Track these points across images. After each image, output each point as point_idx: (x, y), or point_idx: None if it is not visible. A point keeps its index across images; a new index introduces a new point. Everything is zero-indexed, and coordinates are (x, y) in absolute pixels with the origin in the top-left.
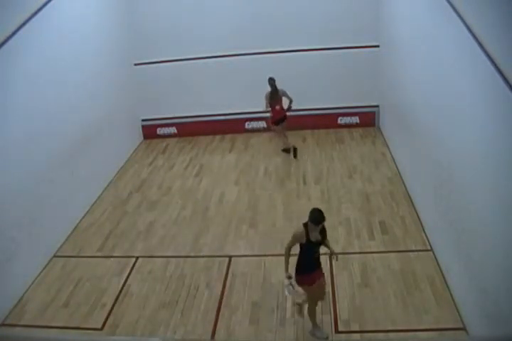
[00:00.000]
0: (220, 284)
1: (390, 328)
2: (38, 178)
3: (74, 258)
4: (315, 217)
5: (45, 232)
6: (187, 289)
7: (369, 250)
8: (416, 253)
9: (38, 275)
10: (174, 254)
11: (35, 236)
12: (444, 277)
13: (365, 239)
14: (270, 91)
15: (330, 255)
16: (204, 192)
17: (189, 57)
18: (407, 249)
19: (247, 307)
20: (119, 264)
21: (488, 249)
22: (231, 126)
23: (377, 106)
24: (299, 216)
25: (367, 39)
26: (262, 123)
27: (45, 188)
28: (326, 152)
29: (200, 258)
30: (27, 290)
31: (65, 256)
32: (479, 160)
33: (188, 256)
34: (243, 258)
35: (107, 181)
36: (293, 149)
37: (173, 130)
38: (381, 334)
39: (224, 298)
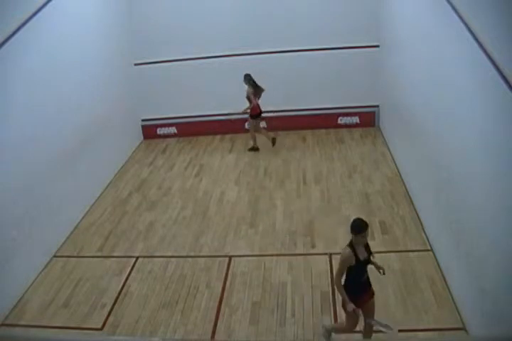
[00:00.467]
0: (220, 284)
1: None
2: (38, 178)
3: (74, 258)
4: (357, 224)
5: (45, 232)
6: (187, 289)
7: None
8: (416, 253)
9: (38, 276)
10: (174, 254)
11: (35, 236)
12: (444, 277)
13: None
14: (254, 88)
15: (377, 269)
16: (204, 192)
17: (189, 57)
18: (407, 249)
19: (247, 307)
20: (119, 264)
21: (488, 248)
22: (231, 126)
23: (377, 106)
24: (299, 216)
25: (367, 39)
26: (262, 124)
27: (45, 188)
28: (326, 152)
29: (200, 258)
30: (27, 290)
31: (65, 256)
32: (479, 160)
33: (188, 256)
34: (243, 258)
35: (107, 181)
36: (272, 139)
37: (173, 130)
38: (381, 334)
39: (224, 298)
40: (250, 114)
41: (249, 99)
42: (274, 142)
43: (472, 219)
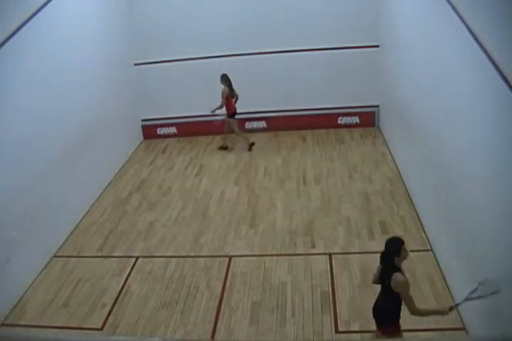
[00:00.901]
0: (220, 284)
1: None
2: (38, 178)
3: (74, 258)
4: (394, 242)
5: (45, 232)
6: (187, 289)
7: (369, 250)
8: (416, 253)
9: (38, 276)
10: (174, 254)
11: (35, 236)
12: (444, 277)
13: (365, 239)
14: (229, 88)
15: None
16: (204, 192)
17: (189, 57)
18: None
19: (247, 307)
20: (119, 264)
21: (488, 248)
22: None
23: (377, 106)
24: (299, 216)
25: (367, 39)
26: (262, 123)
27: (45, 188)
28: (326, 152)
29: (200, 258)
30: (27, 290)
31: (65, 256)
32: (479, 160)
33: (188, 256)
34: (243, 258)
35: (107, 181)
36: (251, 144)
37: (173, 130)
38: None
39: (224, 298)
40: (227, 114)
41: (223, 98)
42: (251, 146)
43: (472, 219)
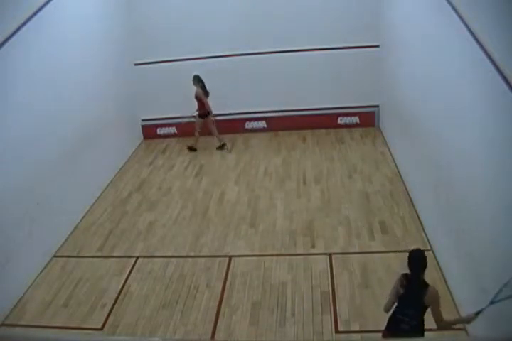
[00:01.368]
0: (220, 284)
1: None
2: (38, 178)
3: (74, 258)
4: (423, 254)
5: (45, 232)
6: (187, 289)
7: (369, 250)
8: None
9: (38, 276)
10: (174, 254)
11: (35, 236)
12: (444, 277)
13: (365, 239)
14: (203, 89)
15: None
16: (204, 192)
17: (189, 57)
18: (407, 249)
19: (247, 307)
20: (119, 264)
21: (488, 248)
22: (231, 126)
23: (377, 106)
24: (299, 216)
25: (367, 39)
26: (262, 123)
27: (45, 188)
28: (326, 152)
29: (200, 258)
30: (27, 290)
31: (65, 256)
32: (479, 160)
33: (188, 256)
34: (243, 258)
35: (107, 181)
36: (222, 144)
37: (173, 130)
38: (381, 335)
39: (224, 298)
40: (198, 114)
41: (198, 99)
42: (222, 147)
43: (472, 219)
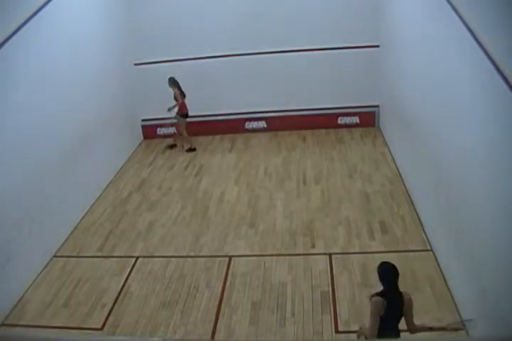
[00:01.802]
0: (220, 284)
1: None
2: (37, 178)
3: (74, 258)
4: (392, 264)
5: (45, 232)
6: (187, 289)
7: (369, 250)
8: (416, 253)
9: (38, 276)
10: (174, 254)
11: (35, 236)
12: (444, 277)
13: (365, 239)
14: (180, 90)
15: None
16: (204, 192)
17: (189, 57)
18: (407, 249)
19: (247, 307)
20: (119, 264)
21: (488, 248)
22: (231, 126)
23: (377, 106)
24: (299, 216)
25: (367, 39)
26: (262, 123)
27: (45, 188)
28: (326, 152)
29: (200, 258)
30: (27, 290)
31: (65, 256)
32: (479, 160)
33: (188, 256)
34: (243, 258)
35: (107, 181)
36: (191, 148)
37: (172, 130)
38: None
39: (224, 298)
40: (181, 114)
41: (175, 98)
42: (189, 150)
43: (472, 219)
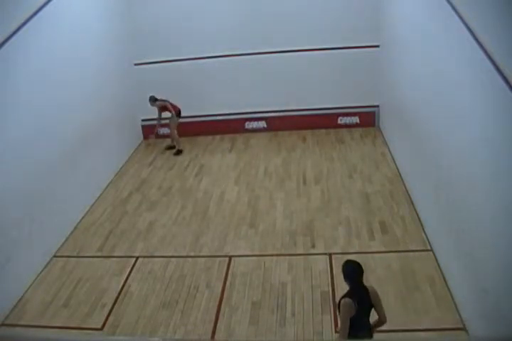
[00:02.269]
0: (220, 284)
1: (390, 328)
2: (38, 178)
3: (74, 258)
4: (356, 262)
5: (45, 232)
6: (187, 289)
7: (369, 250)
8: (416, 253)
9: (38, 276)
10: (174, 254)
11: (35, 236)
12: (444, 277)
13: (365, 239)
14: (161, 100)
15: None
16: (204, 192)
17: (189, 57)
18: (407, 249)
19: (247, 307)
20: (119, 264)
21: (488, 248)
22: (231, 126)
23: (377, 106)
24: (299, 216)
25: (367, 39)
26: (262, 123)
27: (45, 188)
28: (326, 152)
29: (200, 258)
30: (27, 290)
31: (65, 256)
32: (479, 160)
33: (188, 256)
34: (243, 258)
35: (107, 181)
36: (178, 151)
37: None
38: (381, 335)
39: (224, 298)
40: (178, 114)
41: (164, 107)
42: (177, 153)
43: (472, 219)
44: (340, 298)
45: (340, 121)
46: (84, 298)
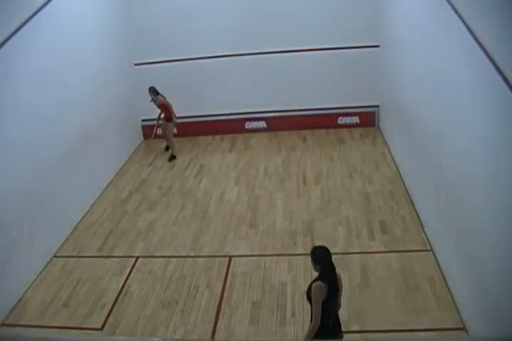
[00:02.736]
0: (220, 284)
1: (390, 328)
2: (38, 178)
3: (74, 258)
4: (325, 248)
5: (45, 232)
6: (187, 289)
7: (369, 250)
8: (416, 253)
9: (38, 276)
10: (174, 254)
11: (35, 236)
12: (444, 277)
13: (365, 239)
14: (163, 96)
15: None
16: (204, 192)
17: (189, 57)
18: (407, 249)
19: (247, 307)
20: (119, 264)
21: (488, 248)
22: (231, 126)
23: (377, 106)
24: (299, 216)
25: (367, 39)
26: (262, 123)
27: (45, 188)
28: (326, 152)
29: (200, 258)
30: (27, 290)
31: (65, 256)
32: (479, 160)
33: (188, 256)
34: (243, 258)
35: (107, 181)
36: (171, 156)
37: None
38: (381, 335)
39: (224, 298)
40: (167, 118)
41: (164, 106)
42: (171, 158)
43: (472, 219)
44: (311, 283)
45: (341, 121)
46: (84, 298)
